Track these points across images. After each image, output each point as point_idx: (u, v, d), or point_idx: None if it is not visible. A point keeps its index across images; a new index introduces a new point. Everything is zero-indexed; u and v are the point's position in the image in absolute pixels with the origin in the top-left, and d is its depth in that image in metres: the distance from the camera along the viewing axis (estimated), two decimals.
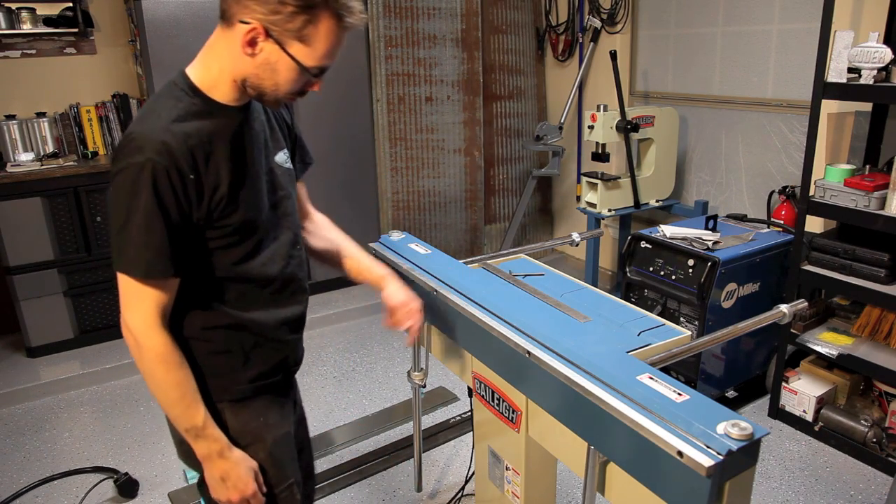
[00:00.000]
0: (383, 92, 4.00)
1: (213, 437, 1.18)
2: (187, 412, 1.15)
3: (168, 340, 1.13)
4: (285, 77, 1.10)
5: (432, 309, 1.71)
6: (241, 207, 1.15)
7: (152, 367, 1.12)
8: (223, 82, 1.13)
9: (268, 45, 1.06)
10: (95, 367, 3.20)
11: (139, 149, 1.04)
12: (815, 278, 2.50)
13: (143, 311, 1.11)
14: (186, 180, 1.07)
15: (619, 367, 1.21)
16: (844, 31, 2.26)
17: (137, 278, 1.09)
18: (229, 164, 1.13)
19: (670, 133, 3.51)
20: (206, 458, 1.20)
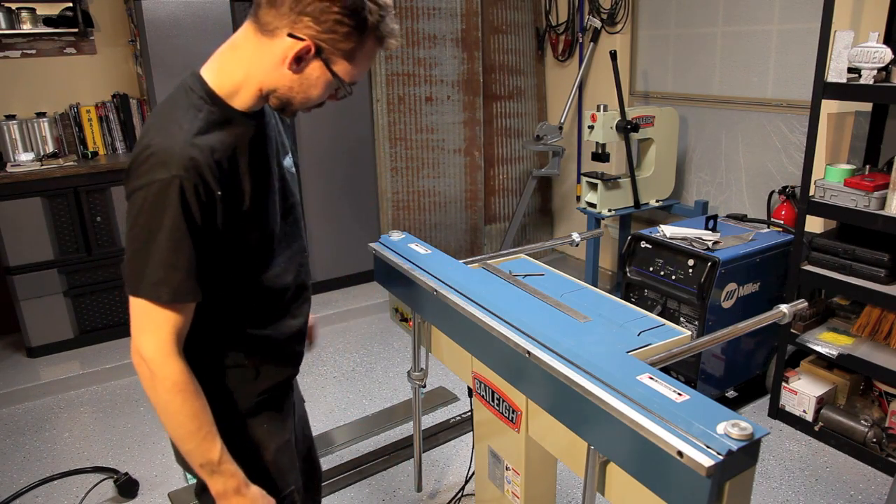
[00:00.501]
0: (383, 92, 4.00)
1: (230, 472, 1.10)
2: (202, 445, 1.08)
3: (185, 368, 1.06)
4: (320, 92, 1.08)
5: (432, 309, 1.71)
6: (262, 221, 1.12)
7: (168, 398, 1.05)
8: (247, 90, 1.08)
9: (314, 63, 1.03)
10: (95, 367, 3.20)
11: (163, 164, 0.97)
12: (815, 278, 2.50)
13: (160, 338, 1.03)
14: (215, 197, 1.02)
15: (619, 367, 1.21)
16: (844, 31, 2.26)
17: (161, 303, 1.01)
18: (250, 177, 1.09)
19: (670, 133, 3.51)
20: (221, 496, 1.12)
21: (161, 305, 1.01)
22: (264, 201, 1.13)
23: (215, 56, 1.11)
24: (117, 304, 3.44)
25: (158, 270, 0.99)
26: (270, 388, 1.24)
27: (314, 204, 3.86)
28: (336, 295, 3.97)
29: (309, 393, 3.03)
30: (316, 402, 2.97)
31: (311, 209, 3.85)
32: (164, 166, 0.97)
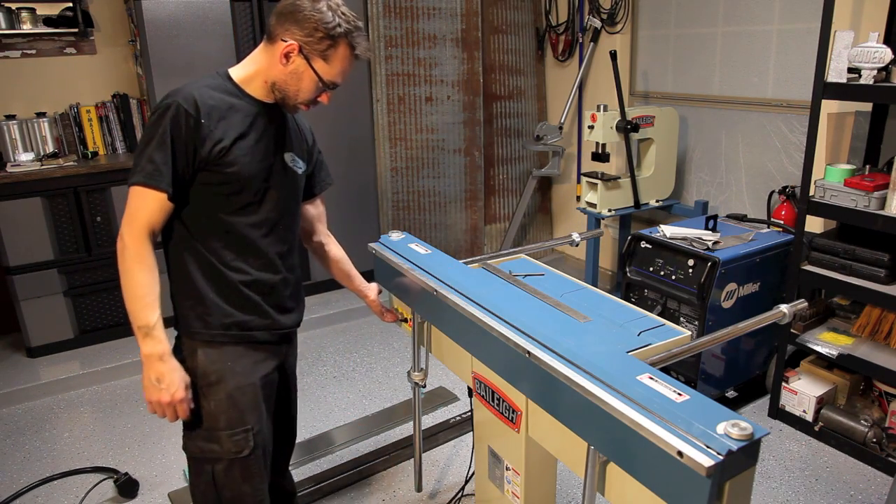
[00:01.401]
0: (383, 92, 4.00)
1: (158, 339, 1.36)
2: (144, 311, 1.34)
3: (148, 248, 1.36)
4: (306, 86, 1.44)
5: (432, 309, 1.71)
6: (238, 163, 1.40)
7: (130, 264, 1.34)
8: (257, 81, 1.46)
9: (298, 59, 1.40)
10: (95, 367, 3.20)
11: (172, 95, 1.37)
12: (815, 278, 2.50)
13: (137, 220, 1.35)
14: (199, 123, 1.36)
15: (619, 367, 1.21)
16: (844, 31, 2.26)
17: (140, 183, 1.34)
18: (238, 130, 1.41)
19: (670, 133, 3.51)
20: (147, 358, 1.37)
21: (141, 187, 1.34)
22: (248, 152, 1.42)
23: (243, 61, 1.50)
24: (117, 304, 3.44)
25: (143, 163, 1.34)
26: (230, 325, 1.47)
27: None
28: (336, 295, 3.97)
29: (309, 393, 3.03)
30: (316, 402, 2.97)
31: None
32: (172, 97, 1.37)
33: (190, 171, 1.38)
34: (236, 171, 1.40)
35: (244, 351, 1.50)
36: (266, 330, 1.53)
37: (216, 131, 1.38)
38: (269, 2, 3.45)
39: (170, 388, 1.38)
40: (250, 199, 1.45)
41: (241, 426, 1.47)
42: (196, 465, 1.51)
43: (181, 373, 1.41)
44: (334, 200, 3.92)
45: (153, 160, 1.33)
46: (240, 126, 1.42)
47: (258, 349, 1.53)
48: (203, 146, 1.36)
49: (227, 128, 1.39)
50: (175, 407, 1.40)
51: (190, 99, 1.36)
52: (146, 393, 1.40)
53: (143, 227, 1.35)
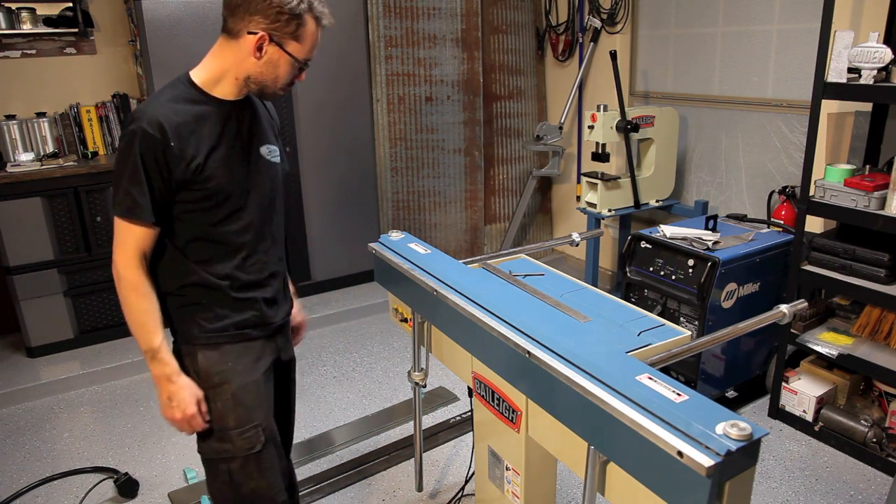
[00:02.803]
0: (383, 92, 4.00)
1: (165, 361, 1.42)
2: (147, 335, 1.40)
3: (142, 275, 1.39)
4: (284, 70, 1.41)
5: (432, 309, 1.71)
6: (216, 176, 1.40)
7: (126, 293, 1.39)
8: (225, 81, 1.42)
9: (271, 48, 1.37)
10: (95, 367, 3.20)
11: (137, 119, 1.34)
12: (815, 278, 2.50)
13: (125, 250, 1.37)
14: (167, 146, 1.33)
15: (619, 367, 1.21)
16: (844, 31, 2.26)
17: (122, 217, 1.36)
18: (210, 142, 1.39)
19: (670, 133, 3.51)
20: (158, 380, 1.43)
21: (124, 220, 1.36)
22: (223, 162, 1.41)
23: (200, 63, 1.46)
24: (117, 304, 3.40)
25: (122, 195, 1.35)
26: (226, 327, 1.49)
27: (314, 204, 3.86)
28: (336, 295, 3.97)
29: (309, 393, 3.03)
30: (316, 402, 2.97)
31: (311, 209, 3.85)
32: (137, 121, 1.33)
33: (168, 195, 1.38)
34: (215, 184, 1.40)
35: (242, 349, 1.52)
36: (260, 326, 1.55)
37: (188, 150, 1.36)
38: None
39: (181, 406, 1.43)
40: (234, 206, 1.45)
41: (250, 423, 1.51)
42: (212, 467, 1.54)
43: (191, 389, 1.45)
44: (334, 200, 3.93)
45: (130, 193, 1.34)
46: (211, 137, 1.40)
47: (255, 346, 1.55)
48: (177, 168, 1.35)
49: (198, 143, 1.37)
50: (188, 422, 1.44)
51: (154, 122, 1.32)
52: (162, 411, 1.46)
53: (133, 256, 1.38)
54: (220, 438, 1.50)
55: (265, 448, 1.53)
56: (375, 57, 3.94)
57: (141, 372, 3.28)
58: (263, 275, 1.54)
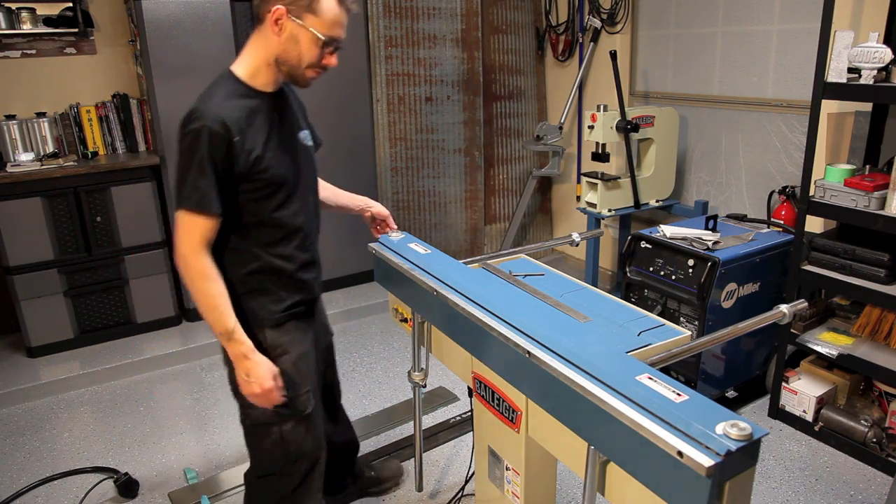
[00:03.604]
0: (383, 92, 4.00)
1: (241, 340, 1.51)
2: (221, 318, 1.48)
3: (210, 262, 1.47)
4: (306, 47, 1.47)
5: (432, 309, 1.71)
6: (272, 166, 1.51)
7: (197, 281, 1.47)
8: (261, 69, 1.52)
9: (289, 23, 1.44)
10: (95, 367, 3.20)
11: (200, 118, 1.42)
12: (815, 278, 2.50)
13: (192, 241, 1.45)
14: (231, 142, 1.43)
15: (619, 367, 1.21)
16: (844, 31, 2.26)
17: (191, 210, 1.43)
18: (264, 134, 1.50)
19: (670, 133, 3.51)
20: (235, 359, 1.53)
21: (191, 213, 1.43)
22: (275, 151, 1.52)
23: (239, 57, 1.55)
24: (117, 304, 3.44)
25: (189, 189, 1.43)
26: (288, 307, 1.63)
27: None
28: (336, 295, 3.97)
29: None
30: None
31: None
32: (200, 119, 1.42)
33: (231, 186, 1.48)
34: (272, 173, 1.51)
35: (297, 324, 1.67)
36: (309, 304, 1.72)
37: (247, 143, 1.46)
38: None
39: (259, 381, 1.52)
40: (288, 191, 1.57)
41: (305, 388, 1.66)
42: (261, 431, 1.65)
43: (267, 364, 1.54)
44: None
45: (198, 187, 1.42)
46: (264, 129, 1.51)
47: (305, 320, 1.71)
48: (239, 161, 1.46)
49: (255, 135, 1.48)
50: (267, 396, 1.54)
51: (218, 120, 1.42)
52: (241, 389, 1.56)
53: (200, 245, 1.46)
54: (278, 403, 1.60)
55: (314, 410, 1.70)
56: (375, 57, 3.94)
57: (141, 372, 3.28)
58: (315, 253, 1.71)
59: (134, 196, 3.37)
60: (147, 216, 3.42)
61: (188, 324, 3.65)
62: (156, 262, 3.48)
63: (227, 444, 2.68)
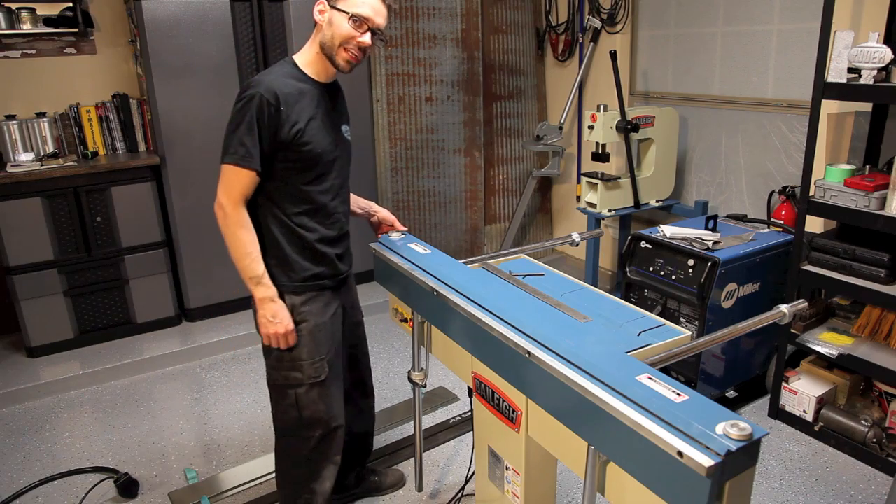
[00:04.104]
0: (383, 92, 4.00)
1: (267, 285, 1.68)
2: (252, 265, 1.66)
3: (246, 214, 1.65)
4: (338, 27, 1.64)
5: (432, 309, 1.71)
6: (311, 142, 1.66)
7: (234, 229, 1.63)
8: (314, 60, 1.72)
9: (329, 11, 1.66)
10: (95, 367, 3.20)
11: (255, 86, 1.61)
12: (815, 278, 2.50)
13: (233, 193, 1.62)
14: (279, 111, 1.61)
15: (619, 367, 1.21)
16: (844, 31, 2.26)
17: (235, 163, 1.60)
18: (309, 113, 1.67)
19: (670, 133, 3.51)
20: (261, 301, 1.69)
21: (235, 166, 1.60)
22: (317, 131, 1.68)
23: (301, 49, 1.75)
24: (117, 304, 3.44)
25: (235, 146, 1.60)
26: (308, 277, 1.76)
27: None
28: None
29: None
30: None
31: None
32: (256, 87, 1.61)
33: (272, 151, 1.63)
34: (311, 148, 1.66)
35: (317, 295, 1.79)
36: (332, 278, 1.82)
37: (292, 116, 1.62)
38: (270, 2, 3.45)
39: (283, 321, 1.69)
40: (322, 170, 1.71)
41: (319, 356, 1.78)
42: (280, 392, 1.81)
43: (285, 311, 1.71)
44: None
45: (244, 143, 1.59)
46: (310, 109, 1.67)
47: (326, 293, 1.82)
48: (282, 130, 1.61)
49: (300, 111, 1.64)
50: (287, 336, 1.71)
51: (271, 90, 1.59)
52: (263, 328, 1.71)
53: (239, 198, 1.62)
54: (292, 367, 1.76)
55: (327, 379, 1.80)
56: (375, 57, 3.94)
57: (141, 372, 3.28)
58: (339, 232, 1.82)
59: (134, 196, 3.37)
60: (147, 216, 3.42)
61: (188, 324, 3.65)
62: (156, 262, 3.48)
63: (227, 444, 2.68)
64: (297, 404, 1.79)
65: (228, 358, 3.43)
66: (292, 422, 1.82)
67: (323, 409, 1.82)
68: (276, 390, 1.83)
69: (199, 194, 3.46)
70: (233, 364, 3.36)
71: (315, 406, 1.80)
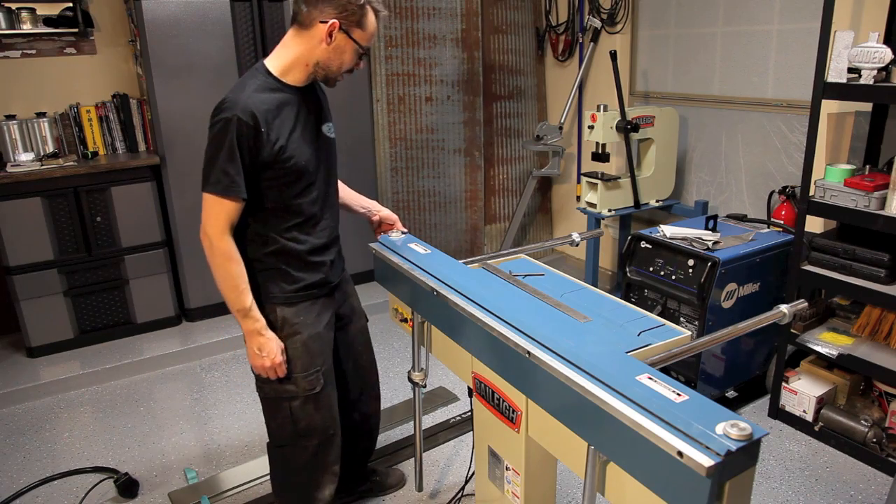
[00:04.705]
0: (383, 92, 4.00)
1: (255, 318, 1.65)
2: (240, 297, 1.62)
3: (233, 244, 1.60)
4: (348, 57, 1.62)
5: (432, 309, 1.71)
6: (295, 156, 1.61)
7: (220, 261, 1.59)
8: (295, 68, 1.63)
9: (340, 35, 1.59)
10: (95, 367, 3.20)
11: (230, 108, 1.52)
12: (815, 278, 2.50)
13: (218, 222, 1.56)
14: (258, 132, 1.54)
15: (619, 367, 1.21)
16: (844, 31, 2.26)
17: (219, 194, 1.54)
18: (289, 126, 1.61)
19: (670, 133, 3.51)
20: (249, 334, 1.66)
21: (217, 196, 1.54)
22: (299, 142, 1.63)
23: (273, 53, 1.65)
24: (117, 304, 3.44)
25: (218, 174, 1.53)
26: (301, 287, 1.73)
27: None
28: None
29: None
30: None
31: None
32: (231, 109, 1.52)
33: (255, 173, 1.59)
34: (294, 162, 1.62)
35: (310, 306, 1.76)
36: (325, 286, 1.80)
37: (272, 133, 1.57)
38: (270, 1, 3.45)
39: (269, 355, 1.66)
40: (308, 180, 1.68)
41: (314, 368, 1.75)
42: (273, 405, 1.78)
43: (277, 341, 1.68)
44: None
45: (227, 172, 1.53)
46: (290, 121, 1.62)
47: (319, 302, 1.80)
48: (264, 150, 1.56)
49: (280, 126, 1.59)
50: (275, 369, 1.69)
51: (247, 111, 1.52)
52: (251, 360, 1.70)
53: (225, 227, 1.58)
54: (285, 380, 1.73)
55: (323, 390, 1.78)
56: (375, 57, 3.94)
57: (141, 372, 3.28)
58: (330, 238, 1.79)
59: (134, 196, 3.37)
60: (147, 216, 3.42)
61: (188, 324, 3.65)
62: (156, 262, 3.49)
63: (227, 444, 2.68)
64: (291, 416, 1.76)
65: (228, 358, 3.43)
66: (287, 433, 1.79)
67: (319, 420, 1.80)
68: (268, 403, 1.79)
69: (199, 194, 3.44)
70: (233, 364, 3.36)
71: (310, 418, 1.78)
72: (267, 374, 1.70)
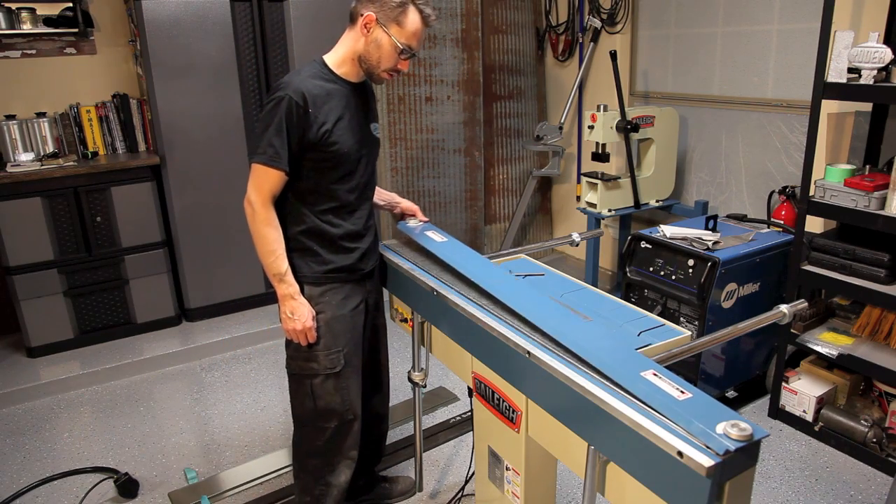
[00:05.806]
0: (383, 92, 4.00)
1: (290, 283, 1.73)
2: (277, 262, 1.71)
3: (273, 213, 1.70)
4: (386, 52, 1.68)
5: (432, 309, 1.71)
6: (339, 142, 1.70)
7: (261, 227, 1.69)
8: (347, 61, 1.74)
9: (376, 29, 1.67)
10: (95, 367, 3.20)
11: (284, 88, 1.65)
12: (816, 278, 2.50)
13: (262, 191, 1.67)
14: (307, 112, 1.65)
15: (625, 361, 1.21)
16: (844, 31, 2.26)
17: (264, 163, 1.65)
18: (337, 113, 1.70)
19: (670, 133, 3.51)
20: (283, 297, 1.74)
21: (262, 165, 1.65)
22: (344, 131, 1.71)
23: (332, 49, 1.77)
24: (117, 304, 3.44)
25: (265, 146, 1.65)
26: (330, 270, 1.79)
27: None
28: None
29: None
30: None
31: None
32: (285, 89, 1.65)
33: (300, 151, 1.67)
34: (338, 148, 1.70)
35: (338, 288, 1.82)
36: (354, 272, 1.85)
37: (320, 117, 1.66)
38: (270, 1, 3.45)
39: (301, 319, 1.73)
40: (348, 168, 1.75)
41: (335, 347, 1.81)
42: (297, 381, 1.85)
43: (309, 307, 1.75)
44: None
45: (273, 144, 1.63)
46: (338, 109, 1.70)
47: (347, 287, 1.84)
48: (310, 130, 1.66)
49: (328, 112, 1.68)
50: (305, 333, 1.75)
51: (299, 92, 1.63)
52: (283, 324, 1.76)
53: (268, 196, 1.68)
54: (308, 358, 1.80)
55: (343, 370, 1.83)
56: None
57: (141, 372, 3.28)
58: (363, 228, 1.85)
59: (134, 196, 3.37)
60: (147, 216, 3.42)
61: (188, 324, 3.65)
62: (156, 262, 3.48)
63: (227, 444, 2.68)
64: (312, 394, 1.83)
65: (228, 358, 3.43)
66: (308, 411, 1.86)
67: (338, 401, 1.84)
68: (293, 380, 1.87)
69: (199, 194, 3.46)
70: (233, 364, 3.36)
71: (330, 397, 1.83)
72: (297, 337, 1.76)
